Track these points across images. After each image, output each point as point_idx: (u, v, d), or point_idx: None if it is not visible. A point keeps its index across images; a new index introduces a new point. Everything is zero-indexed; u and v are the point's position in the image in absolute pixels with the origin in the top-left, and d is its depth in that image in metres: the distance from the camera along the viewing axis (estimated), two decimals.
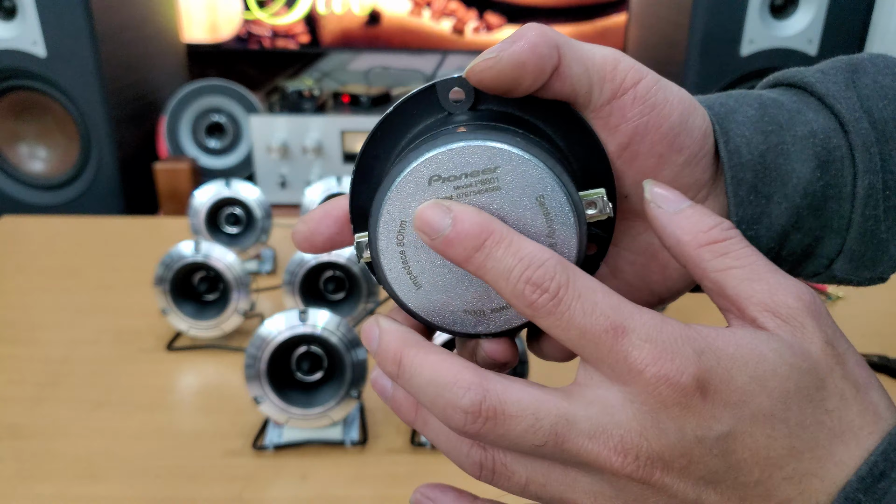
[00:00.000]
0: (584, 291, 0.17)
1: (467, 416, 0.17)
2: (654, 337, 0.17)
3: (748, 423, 0.17)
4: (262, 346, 0.46)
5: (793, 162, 0.22)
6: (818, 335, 0.18)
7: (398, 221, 0.19)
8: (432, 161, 0.19)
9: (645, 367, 0.17)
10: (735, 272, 0.18)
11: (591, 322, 0.17)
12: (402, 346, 0.19)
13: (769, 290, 0.18)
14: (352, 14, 1.43)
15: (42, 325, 0.64)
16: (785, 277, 0.18)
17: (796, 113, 0.23)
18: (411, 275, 0.20)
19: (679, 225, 0.19)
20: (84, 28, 1.11)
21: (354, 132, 1.31)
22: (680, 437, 0.17)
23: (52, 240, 0.83)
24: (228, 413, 0.51)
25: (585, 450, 0.17)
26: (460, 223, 0.18)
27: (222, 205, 0.72)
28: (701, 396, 0.17)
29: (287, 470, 0.46)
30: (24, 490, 0.44)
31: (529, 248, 0.18)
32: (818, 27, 1.13)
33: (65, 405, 0.52)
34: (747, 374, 0.17)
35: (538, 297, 0.17)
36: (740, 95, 0.24)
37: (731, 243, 0.19)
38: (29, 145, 1.23)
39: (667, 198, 0.20)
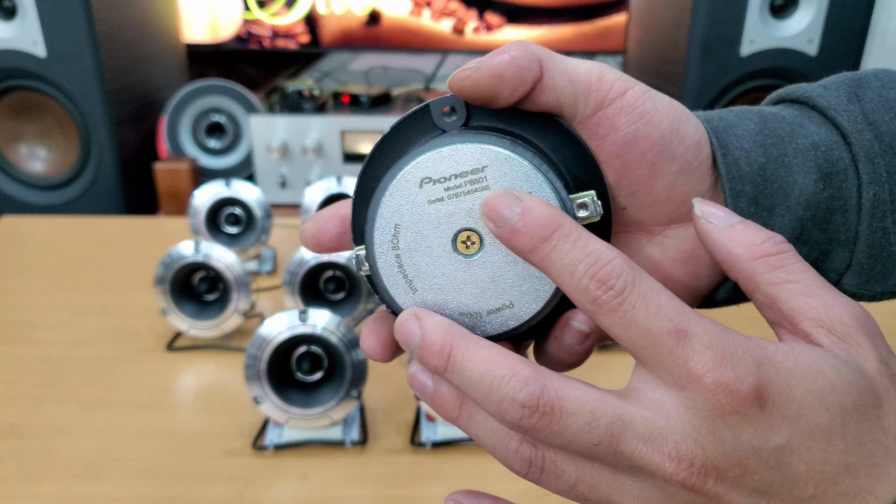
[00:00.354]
0: (650, 293, 0.17)
1: (524, 410, 0.17)
2: (716, 344, 0.17)
3: (805, 436, 0.17)
4: (263, 346, 0.46)
5: (794, 174, 0.22)
6: (873, 354, 0.18)
7: (392, 225, 0.20)
8: (422, 164, 0.19)
9: (705, 372, 0.17)
10: (789, 286, 0.18)
11: (654, 323, 0.17)
12: (450, 338, 0.19)
13: (824, 307, 0.18)
14: (352, 14, 1.43)
15: (42, 324, 0.64)
16: (839, 295, 0.19)
17: (797, 126, 0.23)
18: (407, 278, 0.20)
19: (731, 238, 0.19)
20: (84, 28, 1.11)
21: (354, 132, 1.31)
22: (736, 447, 0.17)
23: (52, 240, 0.83)
24: (228, 413, 0.51)
25: (639, 453, 0.17)
26: (530, 213, 0.18)
27: (222, 205, 0.72)
28: (759, 406, 0.17)
29: (287, 470, 0.46)
30: (23, 490, 0.44)
31: (597, 245, 0.18)
32: (818, 27, 1.13)
33: (65, 405, 0.52)
34: (806, 388, 0.17)
35: (603, 294, 0.17)
36: (741, 111, 0.24)
37: (784, 257, 0.19)
38: (29, 145, 1.23)
39: (717, 214, 0.20)
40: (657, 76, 1.30)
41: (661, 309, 0.17)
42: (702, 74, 1.15)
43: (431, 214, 0.20)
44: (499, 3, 1.42)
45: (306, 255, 0.59)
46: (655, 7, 1.31)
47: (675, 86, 1.20)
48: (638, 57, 1.40)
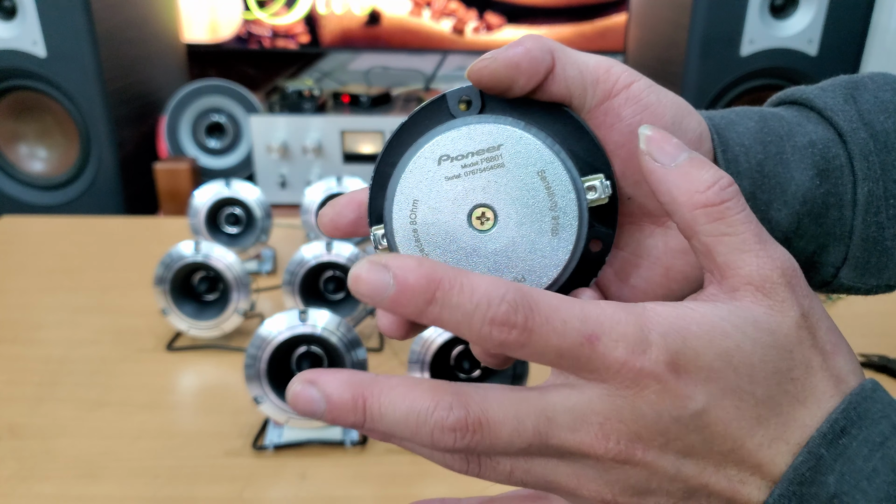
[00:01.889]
0: (551, 313, 0.17)
1: (456, 434, 0.17)
2: (623, 332, 0.18)
3: (718, 397, 0.18)
4: (262, 346, 0.46)
5: (791, 170, 0.23)
6: (794, 308, 0.19)
7: (411, 200, 0.21)
8: (441, 142, 0.21)
9: (620, 366, 0.17)
10: (726, 240, 0.19)
11: (564, 341, 0.17)
12: (358, 389, 0.18)
13: (757, 264, 0.19)
14: (352, 14, 1.43)
15: (42, 324, 0.64)
16: (772, 247, 0.19)
17: (796, 125, 0.23)
18: (423, 252, 0.21)
19: (675, 182, 0.19)
20: (84, 28, 1.11)
21: (354, 132, 1.31)
22: (657, 419, 0.18)
23: (52, 240, 0.83)
24: (228, 413, 0.51)
25: (568, 442, 0.18)
26: (402, 279, 0.17)
27: (222, 205, 0.72)
28: (675, 378, 0.18)
29: (287, 470, 0.46)
30: (24, 490, 0.44)
31: (484, 286, 0.17)
32: (818, 27, 1.13)
33: (65, 405, 0.52)
34: (713, 352, 0.18)
35: (507, 335, 0.17)
36: (742, 110, 0.24)
37: (726, 207, 0.19)
38: (29, 145, 1.23)
39: (664, 150, 0.20)
40: (657, 76, 1.30)
41: (567, 324, 0.17)
42: (702, 74, 1.15)
43: (448, 190, 0.21)
44: (499, 3, 1.42)
45: (306, 255, 0.59)
46: (655, 7, 1.31)
47: (676, 86, 1.20)
48: (638, 57, 1.40)
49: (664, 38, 1.27)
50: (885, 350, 0.58)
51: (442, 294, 0.17)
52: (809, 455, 0.18)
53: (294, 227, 0.85)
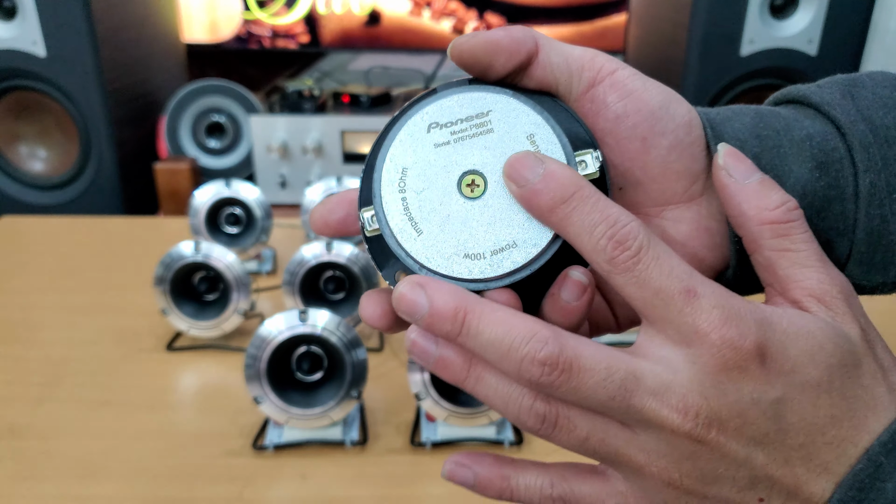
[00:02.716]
0: (663, 255, 0.19)
1: (544, 368, 0.18)
2: (722, 304, 0.18)
3: (798, 390, 0.18)
4: (263, 346, 0.46)
5: (789, 163, 0.23)
6: (854, 323, 0.20)
7: (400, 168, 0.20)
8: (429, 111, 0.20)
9: (712, 329, 0.18)
10: (789, 255, 0.20)
11: (666, 283, 0.18)
12: (462, 303, 0.19)
13: (817, 278, 0.20)
14: (352, 14, 1.43)
15: (42, 325, 0.64)
16: (832, 269, 0.20)
17: (793, 120, 0.24)
18: (412, 221, 0.20)
19: (746, 198, 0.20)
20: (84, 28, 1.11)
21: (354, 132, 1.31)
22: (738, 399, 0.18)
23: (52, 240, 0.83)
24: (229, 413, 0.51)
25: (649, 406, 0.18)
26: (552, 175, 0.19)
27: (222, 205, 0.72)
28: (759, 362, 0.18)
29: (287, 470, 0.46)
30: (24, 490, 0.44)
31: (615, 209, 0.19)
32: (818, 27, 1.13)
33: (65, 405, 0.52)
34: (799, 348, 0.19)
35: (620, 254, 0.18)
36: (737, 107, 0.25)
37: (792, 226, 0.20)
38: (29, 145, 1.23)
39: (738, 168, 0.21)
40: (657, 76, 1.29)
41: (673, 270, 0.18)
42: (701, 74, 1.15)
43: (438, 157, 0.20)
44: (499, 3, 1.42)
45: (306, 255, 0.59)
46: (655, 7, 1.31)
47: (675, 85, 1.20)
48: (638, 56, 1.40)
49: (664, 38, 1.27)
50: None
51: (579, 198, 0.19)
52: (869, 462, 0.19)
53: (294, 227, 0.85)
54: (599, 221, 0.19)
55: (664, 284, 0.18)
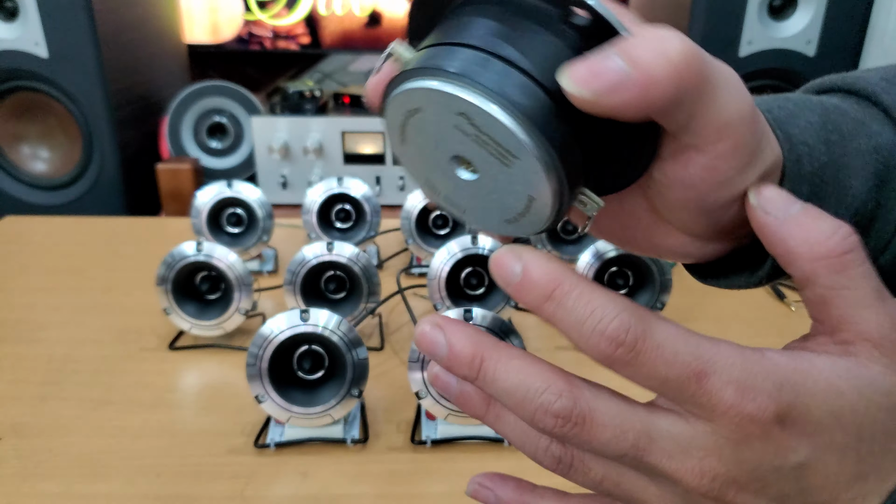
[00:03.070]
0: (663, 341, 0.17)
1: (557, 420, 0.18)
2: (736, 377, 0.17)
3: (822, 452, 0.18)
4: (264, 345, 0.46)
5: (851, 177, 0.21)
6: None
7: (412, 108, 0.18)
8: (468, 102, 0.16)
9: (728, 408, 0.17)
10: (846, 294, 0.18)
11: (673, 372, 0.17)
12: (480, 349, 0.19)
13: (876, 321, 0.18)
14: (352, 15, 1.44)
15: (45, 324, 0.64)
16: (892, 305, 0.18)
17: (860, 124, 0.22)
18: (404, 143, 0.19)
19: (790, 233, 0.18)
20: (86, 29, 1.11)
21: (355, 133, 1.31)
22: (757, 465, 0.18)
23: (55, 240, 0.83)
24: (230, 412, 0.52)
25: (663, 466, 0.18)
26: (528, 273, 0.18)
27: (224, 205, 0.72)
28: (780, 428, 0.17)
29: (288, 468, 0.46)
30: (27, 488, 0.44)
31: (601, 299, 0.17)
32: (817, 28, 1.14)
33: (67, 404, 0.52)
34: (825, 409, 0.17)
35: (614, 351, 0.17)
36: (800, 100, 0.22)
37: (849, 259, 0.18)
38: (31, 146, 1.24)
39: (775, 202, 0.18)
40: None
41: (678, 356, 0.17)
42: None
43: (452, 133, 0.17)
44: None
45: (307, 254, 0.60)
46: (654, 8, 1.32)
47: None
48: None
49: None
50: None
51: (560, 294, 0.17)
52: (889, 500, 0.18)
53: (295, 227, 0.86)
54: (585, 317, 0.17)
55: (671, 373, 0.17)
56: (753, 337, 0.62)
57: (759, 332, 0.63)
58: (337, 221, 0.76)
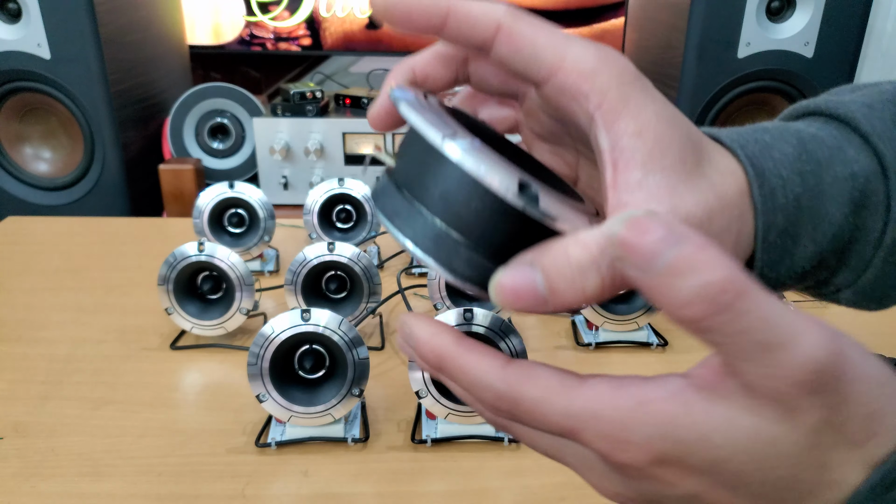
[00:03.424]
0: (532, 406, 0.18)
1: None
2: (606, 432, 0.18)
3: (709, 487, 0.18)
4: (265, 344, 0.46)
5: (827, 206, 0.21)
6: (812, 414, 0.17)
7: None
8: None
9: (605, 455, 0.18)
10: (725, 349, 0.16)
11: (549, 429, 0.19)
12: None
13: (763, 374, 0.16)
14: (353, 17, 1.44)
15: (46, 324, 0.64)
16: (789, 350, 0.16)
17: (836, 150, 0.22)
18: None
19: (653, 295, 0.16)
20: (88, 30, 1.12)
21: (356, 134, 1.32)
22: (647, 493, 0.19)
23: (57, 240, 0.83)
24: (231, 411, 0.52)
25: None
26: (417, 349, 0.20)
27: (226, 206, 0.72)
28: (660, 468, 0.18)
29: (289, 467, 0.46)
30: (28, 487, 0.44)
31: (474, 372, 0.19)
32: (814, 29, 1.14)
33: (69, 403, 0.53)
34: (701, 457, 0.17)
35: (496, 418, 0.20)
36: (777, 130, 0.22)
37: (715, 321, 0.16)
38: (33, 146, 1.24)
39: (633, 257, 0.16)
40: (654, 79, 1.31)
41: (547, 417, 0.18)
42: (698, 77, 1.16)
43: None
44: None
45: (308, 255, 0.60)
46: (653, 10, 1.32)
47: (672, 88, 1.21)
48: (635, 60, 1.41)
49: (661, 41, 1.27)
50: (880, 349, 0.58)
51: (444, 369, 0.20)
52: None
53: (296, 227, 0.86)
54: (466, 391, 0.20)
55: (549, 430, 0.19)
56: None
57: None
58: (338, 222, 0.77)
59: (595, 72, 0.19)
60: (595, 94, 0.19)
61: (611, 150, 0.19)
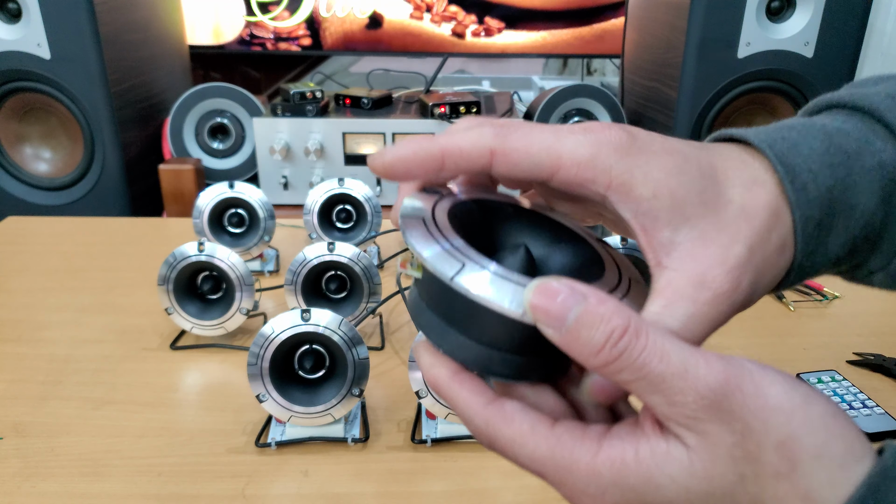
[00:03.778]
0: (504, 446, 0.20)
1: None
2: (564, 480, 0.20)
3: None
4: (265, 344, 0.46)
5: (858, 196, 0.22)
6: (722, 439, 0.18)
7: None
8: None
9: (568, 500, 0.20)
10: (636, 386, 0.18)
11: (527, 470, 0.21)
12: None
13: (667, 402, 0.18)
14: (353, 17, 1.44)
15: (46, 324, 0.64)
16: (686, 371, 0.18)
17: (863, 142, 0.22)
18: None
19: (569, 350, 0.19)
20: (88, 30, 1.11)
21: (356, 134, 1.32)
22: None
23: (57, 240, 0.83)
24: (231, 411, 0.52)
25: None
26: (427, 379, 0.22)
27: (226, 206, 0.72)
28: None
29: (289, 467, 0.46)
30: (28, 487, 0.44)
31: (460, 407, 0.21)
32: (814, 29, 1.14)
33: (69, 403, 0.53)
34: (619, 497, 0.19)
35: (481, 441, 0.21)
36: (803, 127, 0.23)
37: (620, 363, 0.18)
38: (33, 146, 1.24)
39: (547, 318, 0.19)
40: (654, 79, 1.31)
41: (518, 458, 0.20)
42: (698, 76, 1.16)
43: None
44: (498, 6, 1.43)
45: (308, 255, 0.60)
46: (652, 10, 1.32)
47: (672, 88, 1.21)
48: (635, 59, 1.41)
49: (661, 41, 1.27)
50: (881, 349, 0.58)
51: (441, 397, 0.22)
52: None
53: (297, 227, 0.86)
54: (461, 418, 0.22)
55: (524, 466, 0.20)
56: (752, 337, 0.62)
57: (757, 332, 0.63)
58: (338, 222, 0.77)
59: (593, 158, 0.20)
60: (601, 177, 0.20)
61: (635, 218, 0.20)
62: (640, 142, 0.21)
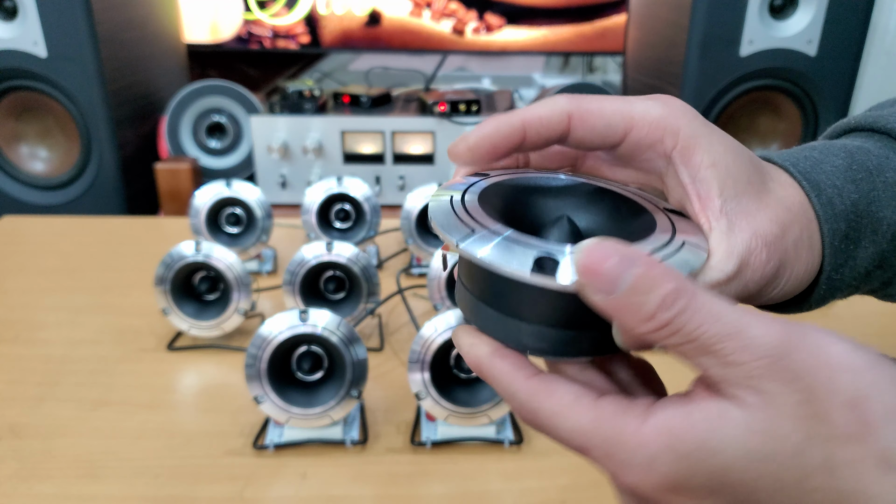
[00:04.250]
0: (547, 419, 0.20)
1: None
2: (610, 452, 0.19)
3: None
4: (263, 345, 0.46)
5: (883, 208, 0.23)
6: (785, 398, 0.17)
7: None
8: None
9: (613, 477, 0.19)
10: (689, 350, 0.18)
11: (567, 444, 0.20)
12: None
13: (721, 363, 0.17)
14: (352, 15, 1.43)
15: (43, 324, 0.64)
16: (746, 336, 0.17)
17: (884, 158, 0.24)
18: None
19: (619, 318, 0.18)
20: (85, 28, 1.11)
21: (355, 132, 1.31)
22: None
23: (53, 240, 0.83)
24: (229, 413, 0.51)
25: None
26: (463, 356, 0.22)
27: (223, 205, 0.72)
28: (675, 496, 0.18)
29: (287, 469, 0.46)
30: (24, 489, 0.44)
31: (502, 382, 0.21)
32: (818, 27, 1.13)
33: (65, 405, 0.52)
34: (705, 473, 0.17)
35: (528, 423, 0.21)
36: (824, 147, 0.24)
37: (668, 331, 0.17)
38: (30, 145, 1.24)
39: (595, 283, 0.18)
40: (656, 76, 1.30)
41: (559, 432, 0.20)
42: (701, 75, 1.15)
43: None
44: (499, 3, 1.42)
45: (306, 255, 0.59)
46: (655, 7, 1.32)
47: (675, 86, 1.21)
48: (637, 57, 1.41)
49: (663, 39, 1.27)
50: (881, 349, 0.58)
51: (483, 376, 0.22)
52: None
53: (295, 227, 0.85)
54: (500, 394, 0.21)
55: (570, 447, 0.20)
56: None
57: None
58: (336, 221, 0.76)
59: (663, 118, 0.22)
60: (669, 136, 0.22)
61: (692, 183, 0.22)
62: (704, 119, 0.22)
